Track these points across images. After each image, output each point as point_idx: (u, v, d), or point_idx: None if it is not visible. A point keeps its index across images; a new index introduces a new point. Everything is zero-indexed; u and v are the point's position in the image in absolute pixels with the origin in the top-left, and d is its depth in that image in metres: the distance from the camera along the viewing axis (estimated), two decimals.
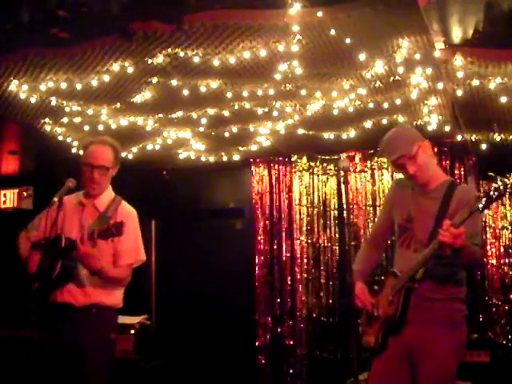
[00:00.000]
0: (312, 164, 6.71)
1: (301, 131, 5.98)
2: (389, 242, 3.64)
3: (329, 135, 6.07)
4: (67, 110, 5.35)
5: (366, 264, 3.33)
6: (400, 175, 3.26)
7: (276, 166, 6.82)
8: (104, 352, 3.30)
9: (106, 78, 4.70)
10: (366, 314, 3.16)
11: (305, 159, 6.70)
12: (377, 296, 3.13)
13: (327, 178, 6.69)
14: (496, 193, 2.56)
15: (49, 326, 3.26)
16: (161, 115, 5.58)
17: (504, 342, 5.82)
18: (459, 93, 4.86)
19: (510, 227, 6.06)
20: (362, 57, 4.32)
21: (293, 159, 6.73)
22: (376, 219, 3.52)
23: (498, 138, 5.79)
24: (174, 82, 4.81)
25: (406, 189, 3.14)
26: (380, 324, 3.04)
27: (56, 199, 3.23)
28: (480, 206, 2.59)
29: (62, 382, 3.22)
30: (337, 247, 6.57)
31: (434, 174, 3.08)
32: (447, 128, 5.71)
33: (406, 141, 3.03)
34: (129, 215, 3.40)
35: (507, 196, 6.08)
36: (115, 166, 3.43)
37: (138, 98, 5.15)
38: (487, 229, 6.02)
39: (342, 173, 6.05)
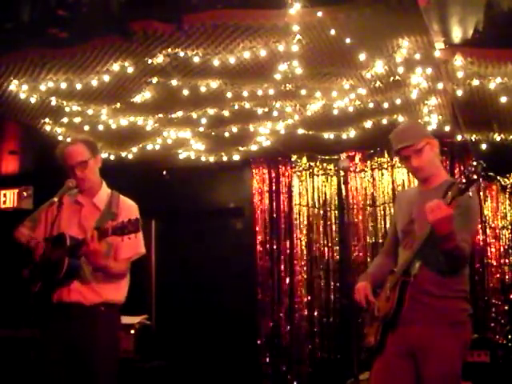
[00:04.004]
0: (312, 164, 6.71)
1: (301, 131, 5.98)
2: None
3: (329, 135, 6.07)
4: (67, 109, 5.35)
5: (377, 270, 3.32)
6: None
7: (276, 166, 6.82)
8: (113, 350, 3.32)
9: (106, 77, 4.70)
10: (368, 316, 3.16)
11: (305, 159, 6.70)
12: (377, 297, 3.13)
13: (327, 178, 6.69)
14: (474, 175, 2.59)
15: (54, 326, 3.24)
16: (161, 115, 5.58)
17: (504, 342, 5.83)
18: (459, 93, 4.87)
19: (510, 227, 6.06)
20: (362, 57, 4.32)
21: (293, 159, 6.72)
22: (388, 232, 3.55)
23: (497, 137, 5.79)
24: (174, 82, 4.81)
25: (408, 196, 3.22)
26: (379, 322, 3.05)
27: (56, 199, 3.23)
28: (462, 187, 2.62)
29: (68, 381, 3.21)
30: (337, 247, 6.57)
31: (437, 172, 3.10)
32: (447, 128, 5.71)
33: (416, 133, 3.08)
34: (131, 209, 3.42)
35: (507, 196, 6.08)
36: (94, 156, 3.40)
37: (138, 98, 5.15)
38: (487, 229, 6.03)
39: (342, 173, 6.08)
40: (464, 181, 2.62)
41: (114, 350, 3.35)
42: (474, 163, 2.61)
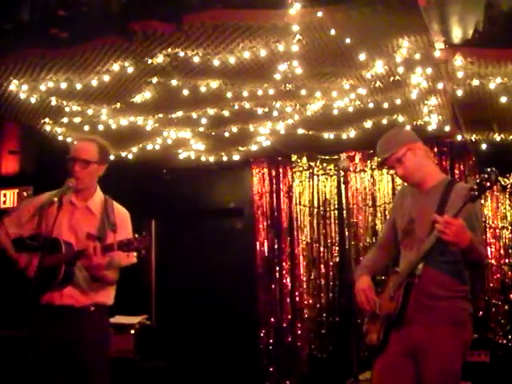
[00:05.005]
0: (312, 164, 6.71)
1: (301, 131, 5.98)
2: None
3: (329, 135, 6.07)
4: (67, 109, 5.35)
5: (373, 263, 3.34)
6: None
7: (276, 166, 6.82)
8: (105, 347, 3.35)
9: (106, 78, 4.70)
10: (369, 313, 3.16)
11: (305, 159, 6.70)
12: (379, 295, 3.14)
13: (327, 178, 6.69)
14: (488, 183, 2.60)
15: (44, 327, 3.23)
16: (161, 115, 5.58)
17: (504, 342, 5.82)
18: (459, 93, 4.87)
19: (510, 227, 6.06)
20: (362, 57, 4.32)
21: (293, 159, 6.72)
22: (384, 225, 3.56)
23: (497, 138, 5.79)
24: (174, 82, 4.81)
25: (408, 195, 3.21)
26: (382, 321, 3.05)
27: (56, 199, 3.22)
28: (474, 194, 2.62)
29: (63, 381, 3.22)
30: (337, 247, 6.57)
31: (430, 174, 3.10)
32: (447, 128, 5.71)
33: (394, 143, 3.08)
34: (125, 217, 3.41)
35: (507, 196, 6.08)
36: (100, 163, 3.36)
37: (138, 98, 5.15)
38: (487, 229, 6.02)
39: (342, 173, 6.06)
40: (476, 187, 2.61)
41: (106, 346, 3.36)
42: (488, 170, 2.61)
